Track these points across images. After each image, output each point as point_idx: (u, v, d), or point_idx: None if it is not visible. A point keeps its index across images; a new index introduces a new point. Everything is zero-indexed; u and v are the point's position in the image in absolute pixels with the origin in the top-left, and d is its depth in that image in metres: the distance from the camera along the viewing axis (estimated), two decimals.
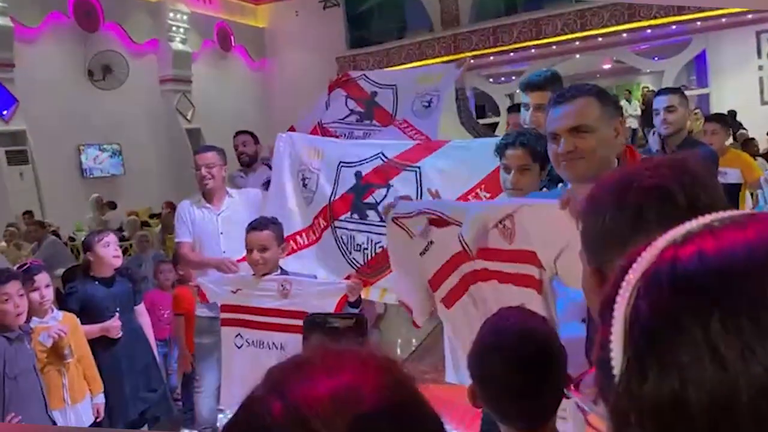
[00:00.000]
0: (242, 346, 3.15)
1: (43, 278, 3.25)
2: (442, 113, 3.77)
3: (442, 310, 2.38)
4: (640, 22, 13.77)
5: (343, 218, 3.50)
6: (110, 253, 3.61)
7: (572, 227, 1.65)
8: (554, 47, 14.52)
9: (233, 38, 16.63)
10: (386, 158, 3.39)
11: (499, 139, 2.69)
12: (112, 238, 3.69)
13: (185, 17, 14.69)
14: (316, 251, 3.59)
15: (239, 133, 4.88)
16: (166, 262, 5.71)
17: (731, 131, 6.18)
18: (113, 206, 11.54)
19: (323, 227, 3.56)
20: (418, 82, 3.98)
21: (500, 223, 2.07)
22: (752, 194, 5.10)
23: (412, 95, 3.92)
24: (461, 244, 2.18)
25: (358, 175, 3.48)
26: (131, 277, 3.84)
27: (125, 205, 12.32)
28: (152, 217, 11.63)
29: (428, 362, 5.51)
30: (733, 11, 13.01)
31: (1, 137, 10.85)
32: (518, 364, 1.23)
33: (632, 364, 0.46)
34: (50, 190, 11.43)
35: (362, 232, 3.43)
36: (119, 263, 3.68)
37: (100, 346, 3.48)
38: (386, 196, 3.33)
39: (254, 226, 3.15)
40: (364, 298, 3.26)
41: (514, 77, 16.08)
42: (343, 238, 3.49)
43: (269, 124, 13.77)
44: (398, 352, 6.15)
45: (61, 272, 7.60)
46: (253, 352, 3.11)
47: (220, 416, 3.83)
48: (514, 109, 4.00)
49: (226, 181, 3.99)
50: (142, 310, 3.85)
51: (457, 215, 2.26)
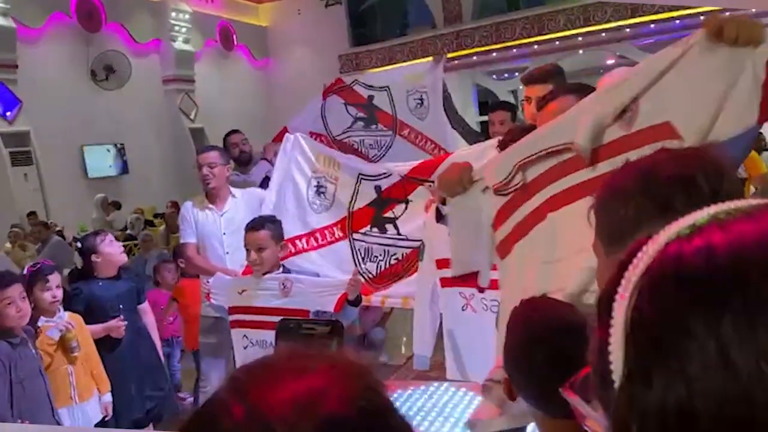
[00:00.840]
0: (247, 347, 3.16)
1: (55, 279, 3.27)
2: (441, 113, 3.85)
3: (498, 261, 2.02)
4: (643, 17, 13.71)
5: (362, 231, 3.59)
6: (116, 250, 3.63)
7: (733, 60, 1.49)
8: (557, 43, 14.47)
9: (236, 37, 16.62)
10: (400, 175, 3.48)
11: (494, 141, 2.71)
12: (111, 236, 3.71)
13: (187, 17, 14.69)
14: (319, 257, 3.61)
15: (231, 132, 4.89)
16: (168, 261, 5.72)
17: None
18: (118, 206, 11.57)
19: (339, 237, 3.60)
20: (406, 80, 4.07)
21: (623, 112, 1.72)
22: (756, 188, 5.09)
23: (404, 94, 4.05)
24: (576, 149, 1.77)
25: (378, 189, 3.54)
26: (136, 276, 3.86)
27: (129, 205, 12.34)
28: (156, 216, 11.63)
29: (432, 360, 5.52)
30: (737, 6, 12.92)
31: (5, 138, 10.87)
32: (558, 353, 1.23)
33: (635, 370, 0.43)
34: (54, 190, 11.45)
35: (380, 245, 3.50)
36: (125, 259, 3.71)
37: (104, 345, 3.48)
38: (405, 210, 3.40)
39: (252, 226, 3.15)
40: (365, 304, 3.28)
41: (517, 73, 16.03)
42: (360, 250, 3.55)
43: (272, 122, 13.74)
44: (403, 349, 6.16)
45: (66, 273, 7.61)
46: (257, 352, 3.11)
47: None
48: (496, 106, 4.06)
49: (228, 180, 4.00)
50: (146, 308, 3.85)
51: (561, 137, 1.80)
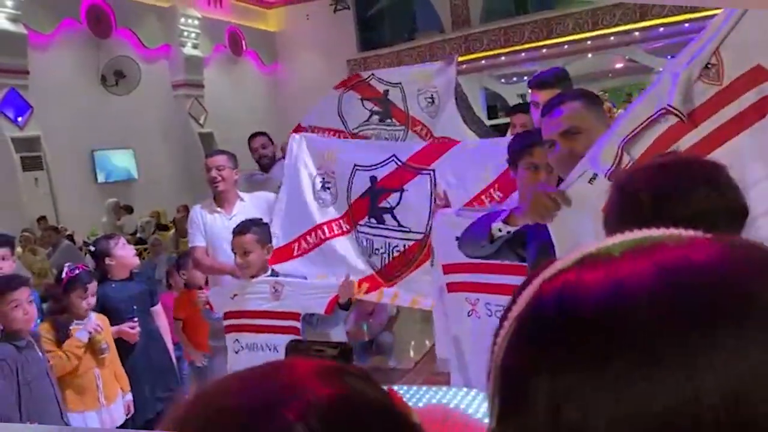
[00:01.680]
0: (239, 351, 3.17)
1: (93, 287, 3.31)
2: (452, 113, 3.83)
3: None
4: (652, 20, 13.67)
5: (362, 222, 3.57)
6: (129, 253, 3.67)
7: None
8: (566, 47, 14.44)
9: (244, 42, 16.69)
10: (400, 162, 3.42)
11: (509, 138, 2.66)
12: (123, 239, 3.74)
13: (196, 22, 14.77)
14: (327, 251, 3.61)
15: (256, 135, 4.90)
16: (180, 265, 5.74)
17: None
18: (130, 210, 11.61)
19: (345, 230, 3.60)
20: (416, 78, 4.07)
21: (705, 68, 1.62)
22: None
23: (415, 92, 4.04)
24: (673, 112, 1.68)
25: (373, 179, 3.52)
26: (149, 279, 3.88)
27: (138, 209, 12.39)
28: (163, 227, 11.48)
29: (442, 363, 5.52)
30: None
31: (16, 143, 10.95)
32: None
33: (493, 416, 0.42)
34: (64, 195, 11.52)
35: (380, 236, 3.47)
36: (138, 262, 3.74)
37: (118, 347, 3.50)
38: (400, 200, 3.37)
39: (237, 230, 3.17)
40: (376, 301, 3.27)
41: (525, 77, 16.01)
42: (363, 242, 3.53)
43: (281, 127, 13.75)
44: (411, 354, 6.15)
45: None
46: (248, 356, 3.11)
47: None
48: (518, 109, 4.01)
49: (237, 184, 4.00)
50: (159, 311, 3.86)
51: (654, 103, 1.73)
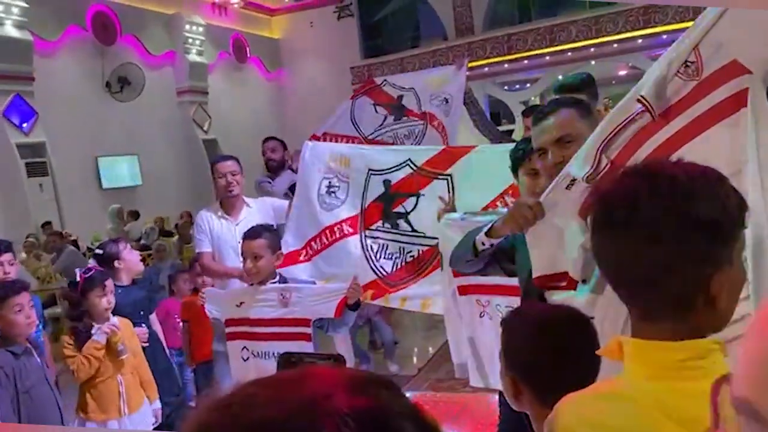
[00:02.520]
0: (248, 358, 3.13)
1: (110, 284, 3.31)
2: (458, 118, 3.86)
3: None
4: (655, 27, 13.70)
5: (374, 227, 3.54)
6: (135, 258, 3.70)
7: None
8: (569, 54, 14.48)
9: (248, 49, 16.77)
10: (416, 166, 3.42)
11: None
12: (129, 244, 3.76)
13: (201, 29, 14.84)
14: (330, 256, 3.61)
15: (268, 139, 4.95)
16: (182, 271, 5.76)
17: None
18: (136, 216, 11.61)
19: (348, 233, 3.58)
20: (428, 84, 4.09)
21: (684, 64, 1.65)
22: None
23: (428, 96, 4.08)
24: (644, 104, 1.68)
25: (386, 183, 3.51)
26: (150, 285, 3.90)
27: (143, 215, 12.42)
28: (167, 234, 11.48)
29: (444, 370, 5.52)
30: None
31: (21, 149, 10.99)
32: (566, 342, 1.33)
33: None
34: (69, 201, 11.56)
35: (395, 241, 3.46)
36: (142, 268, 3.76)
37: None
38: (416, 205, 3.36)
39: (248, 234, 3.13)
40: (384, 305, 3.26)
41: (528, 84, 16.07)
42: (373, 246, 3.52)
43: (285, 133, 13.80)
44: (414, 360, 6.15)
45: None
46: (258, 363, 3.09)
47: None
48: (531, 111, 4.02)
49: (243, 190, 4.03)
50: (153, 318, 3.90)
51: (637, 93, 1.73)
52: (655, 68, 1.71)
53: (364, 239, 3.54)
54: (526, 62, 15.02)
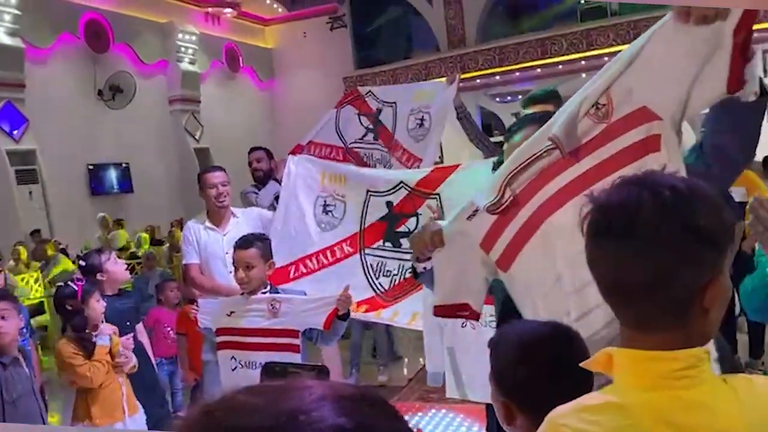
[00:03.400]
0: (236, 368, 3.13)
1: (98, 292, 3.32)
2: (438, 137, 3.87)
3: (501, 274, 1.95)
4: None
5: (375, 246, 3.59)
6: (120, 268, 3.67)
7: (701, 43, 1.49)
8: (560, 67, 14.56)
9: (241, 59, 16.79)
10: (409, 188, 3.49)
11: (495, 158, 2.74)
12: (114, 254, 3.74)
13: (194, 38, 14.86)
14: (329, 275, 3.62)
15: (254, 149, 4.93)
16: (171, 280, 5.74)
17: None
18: (120, 225, 11.53)
19: (348, 253, 3.60)
20: (414, 99, 4.08)
21: (595, 108, 1.70)
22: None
23: (407, 112, 4.05)
24: (554, 142, 1.74)
25: (389, 204, 3.56)
26: (140, 294, 3.88)
27: (133, 224, 12.38)
28: (158, 242, 11.44)
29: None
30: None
31: (11, 157, 10.94)
32: (559, 360, 1.30)
33: None
34: (59, 209, 11.50)
35: (394, 259, 3.52)
36: (128, 277, 3.73)
37: None
38: (417, 224, 3.42)
39: (240, 244, 3.13)
40: (375, 319, 3.27)
41: (520, 96, 16.11)
42: (372, 265, 3.57)
43: (277, 143, 13.84)
44: (405, 371, 6.14)
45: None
46: (245, 373, 3.09)
47: None
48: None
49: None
50: (140, 328, 3.88)
51: (545, 135, 1.81)
52: (567, 107, 1.75)
53: (364, 257, 3.57)
54: (517, 74, 15.10)
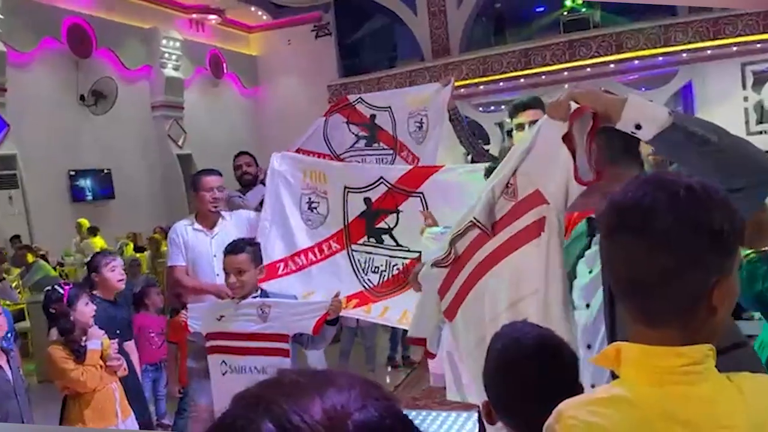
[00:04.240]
0: (226, 373, 3.13)
1: (89, 295, 3.32)
2: (438, 141, 3.88)
3: (447, 323, 2.23)
4: (627, 53, 14.01)
5: (361, 242, 3.61)
6: (115, 276, 3.66)
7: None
8: (543, 77, 14.71)
9: (225, 65, 16.75)
10: (390, 184, 3.50)
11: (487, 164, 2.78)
12: (118, 262, 3.73)
13: (178, 44, 14.81)
14: (319, 271, 3.63)
15: (241, 153, 4.93)
16: (154, 285, 5.71)
17: None
18: (95, 232, 11.29)
19: (336, 249, 3.61)
20: (409, 103, 4.07)
21: (505, 188, 1.94)
22: None
23: (405, 115, 4.03)
24: (478, 226, 2.01)
25: (367, 201, 3.57)
26: (134, 302, 3.86)
27: (115, 230, 12.27)
28: (140, 249, 11.30)
29: (419, 389, 5.54)
30: (717, 44, 13.29)
31: None
32: (542, 372, 1.28)
33: None
34: (39, 214, 11.36)
35: (381, 255, 3.53)
36: (122, 287, 3.71)
37: None
38: (397, 221, 3.42)
39: (231, 249, 3.13)
40: (365, 315, 3.29)
41: (503, 106, 16.23)
42: (360, 260, 3.58)
43: (261, 150, 13.79)
44: (387, 380, 6.15)
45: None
46: (235, 378, 3.09)
47: None
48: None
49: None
50: (131, 346, 3.88)
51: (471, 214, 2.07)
52: (485, 192, 2.01)
53: (351, 253, 3.58)
54: (501, 84, 15.22)
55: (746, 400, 0.94)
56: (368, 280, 3.53)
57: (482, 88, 15.25)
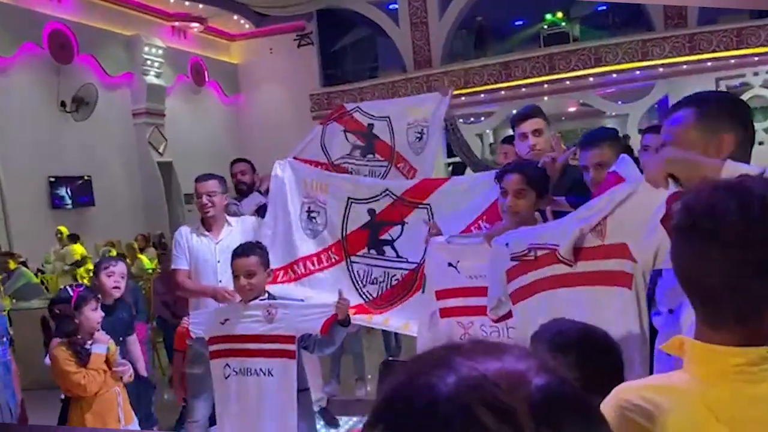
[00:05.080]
0: (229, 376, 3.12)
1: (97, 300, 3.28)
2: (435, 152, 3.93)
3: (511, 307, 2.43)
4: (606, 66, 14.26)
5: (360, 253, 3.63)
6: (110, 283, 3.65)
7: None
8: (523, 89, 14.90)
9: (207, 73, 16.71)
10: (396, 196, 3.53)
11: (496, 171, 2.86)
12: (118, 269, 3.71)
13: (160, 52, 14.75)
14: (318, 281, 3.65)
15: (237, 161, 4.91)
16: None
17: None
18: (75, 240, 11.13)
19: (335, 261, 3.64)
20: (409, 113, 4.08)
21: (595, 227, 2.09)
22: None
23: (404, 126, 4.04)
24: (559, 260, 2.17)
25: (371, 212, 3.60)
26: (136, 306, 3.85)
27: (95, 237, 12.14)
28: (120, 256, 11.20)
29: None
30: (693, 59, 13.61)
31: None
32: (585, 362, 1.30)
33: None
34: (19, 221, 11.22)
35: (380, 267, 3.55)
36: (117, 295, 3.69)
37: None
38: (402, 233, 3.46)
39: (240, 251, 3.14)
40: (367, 325, 3.30)
41: (483, 118, 16.43)
42: (359, 272, 3.60)
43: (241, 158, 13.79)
44: (368, 388, 6.14)
45: (32, 303, 7.47)
46: (239, 380, 3.09)
47: None
48: (507, 140, 4.17)
49: (226, 209, 4.01)
50: (133, 339, 3.85)
51: (557, 239, 2.22)
52: (566, 225, 2.17)
53: (350, 265, 3.61)
54: (482, 96, 15.38)
55: None
56: (367, 292, 3.56)
57: (463, 99, 15.37)
